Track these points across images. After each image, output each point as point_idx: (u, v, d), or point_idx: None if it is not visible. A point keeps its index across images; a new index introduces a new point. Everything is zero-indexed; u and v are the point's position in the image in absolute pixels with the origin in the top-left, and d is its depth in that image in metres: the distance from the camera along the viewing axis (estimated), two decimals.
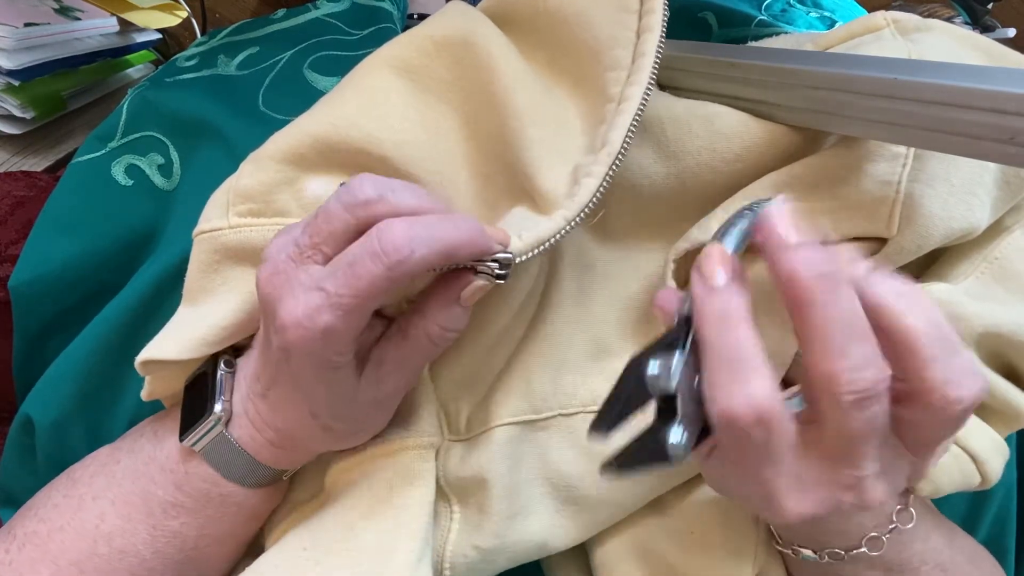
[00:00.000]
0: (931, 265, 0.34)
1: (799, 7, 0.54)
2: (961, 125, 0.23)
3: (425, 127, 0.31)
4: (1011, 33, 0.81)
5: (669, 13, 0.30)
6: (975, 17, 0.81)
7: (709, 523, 0.33)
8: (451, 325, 0.27)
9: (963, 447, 0.30)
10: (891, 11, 0.33)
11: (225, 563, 0.33)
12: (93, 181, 0.42)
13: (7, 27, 0.56)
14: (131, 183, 0.42)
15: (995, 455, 0.31)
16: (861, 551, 0.29)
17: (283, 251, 0.25)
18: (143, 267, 0.39)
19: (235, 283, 0.30)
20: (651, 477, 0.33)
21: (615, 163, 0.28)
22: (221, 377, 0.30)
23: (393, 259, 0.23)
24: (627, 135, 0.28)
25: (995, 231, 0.32)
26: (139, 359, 0.30)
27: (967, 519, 0.38)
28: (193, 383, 0.31)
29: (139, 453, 0.31)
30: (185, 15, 0.77)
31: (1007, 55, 0.32)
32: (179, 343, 0.29)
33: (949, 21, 0.78)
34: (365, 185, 0.24)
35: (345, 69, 0.34)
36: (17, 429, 0.39)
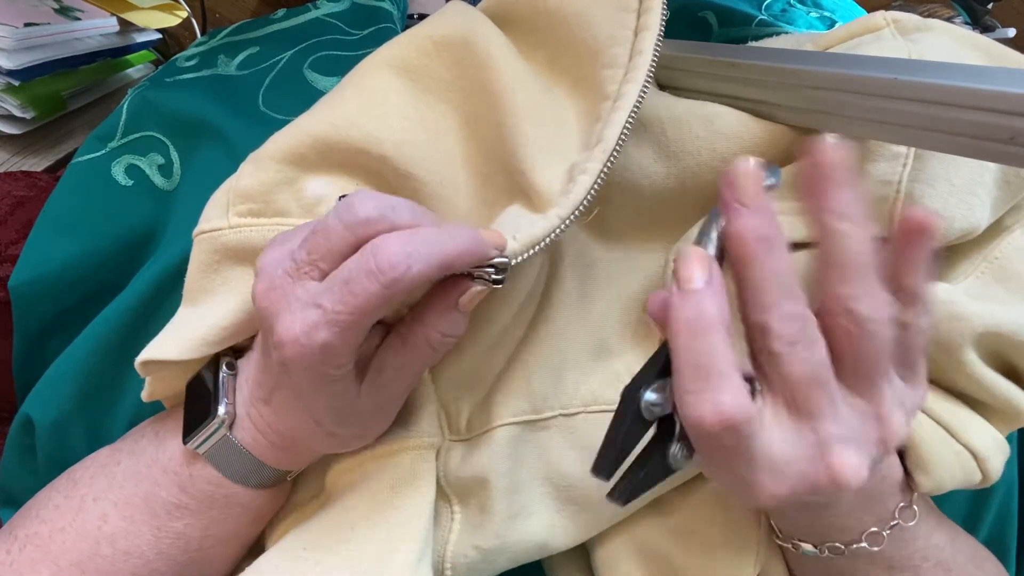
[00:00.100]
0: None
1: (799, 7, 0.53)
2: (961, 125, 0.23)
3: (425, 127, 0.31)
4: (1011, 33, 0.81)
5: (668, 12, 0.30)
6: (975, 17, 0.81)
7: (710, 523, 0.33)
8: (450, 331, 0.27)
9: (964, 444, 0.30)
10: (891, 11, 0.33)
11: (228, 563, 0.33)
12: (93, 181, 0.42)
13: (7, 27, 0.56)
14: (131, 183, 0.42)
15: (996, 453, 0.31)
16: (861, 546, 0.29)
17: (279, 265, 0.25)
18: (143, 267, 0.39)
19: (235, 283, 0.30)
20: None
21: (610, 160, 0.28)
22: (223, 379, 0.30)
23: (389, 276, 0.22)
24: (622, 132, 0.28)
25: (995, 231, 0.32)
26: (139, 359, 0.29)
27: (968, 517, 0.38)
28: (194, 384, 0.31)
29: (141, 455, 0.31)
30: (185, 15, 0.77)
31: (1007, 55, 0.32)
32: (179, 343, 0.29)
33: (949, 21, 0.78)
34: (366, 203, 0.24)
35: (345, 69, 0.34)
36: (17, 429, 0.39)
